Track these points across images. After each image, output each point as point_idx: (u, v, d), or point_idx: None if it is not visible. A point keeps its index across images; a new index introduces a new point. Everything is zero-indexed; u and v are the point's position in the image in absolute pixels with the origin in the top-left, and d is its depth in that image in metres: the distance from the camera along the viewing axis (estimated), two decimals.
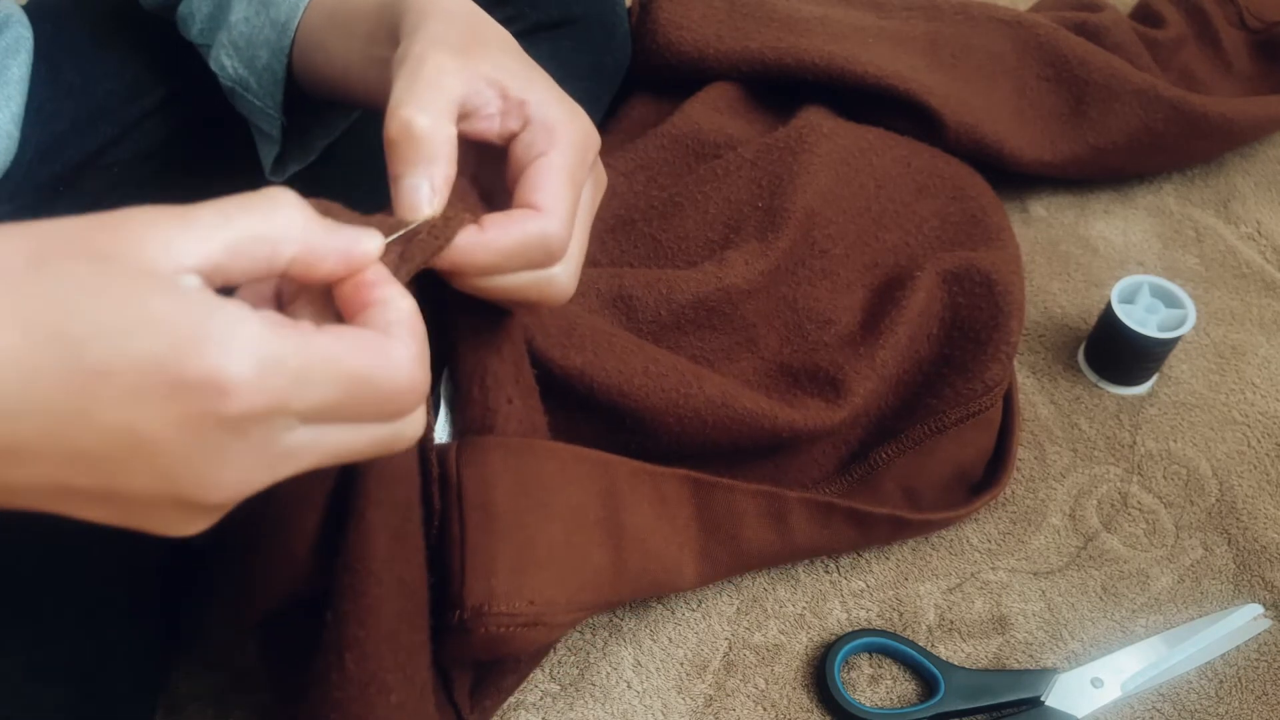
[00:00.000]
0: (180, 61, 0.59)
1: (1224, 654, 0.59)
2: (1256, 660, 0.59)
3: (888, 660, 0.59)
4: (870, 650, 0.59)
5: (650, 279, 0.61)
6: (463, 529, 0.43)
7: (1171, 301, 0.70)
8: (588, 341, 0.53)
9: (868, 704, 0.57)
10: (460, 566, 0.43)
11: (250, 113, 0.54)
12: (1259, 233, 0.84)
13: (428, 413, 0.38)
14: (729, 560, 0.56)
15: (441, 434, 0.45)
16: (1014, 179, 0.84)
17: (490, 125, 0.38)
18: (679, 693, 0.57)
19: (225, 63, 0.52)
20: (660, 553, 0.52)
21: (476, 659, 0.48)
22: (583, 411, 0.54)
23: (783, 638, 0.59)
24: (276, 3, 0.50)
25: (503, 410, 0.45)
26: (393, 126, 0.35)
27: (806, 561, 0.63)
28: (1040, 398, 0.72)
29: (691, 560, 0.54)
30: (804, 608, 0.61)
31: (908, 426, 0.62)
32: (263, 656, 0.51)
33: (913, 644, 0.58)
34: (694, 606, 0.61)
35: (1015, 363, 0.73)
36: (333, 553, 0.40)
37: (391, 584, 0.40)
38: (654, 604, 0.61)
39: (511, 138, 0.38)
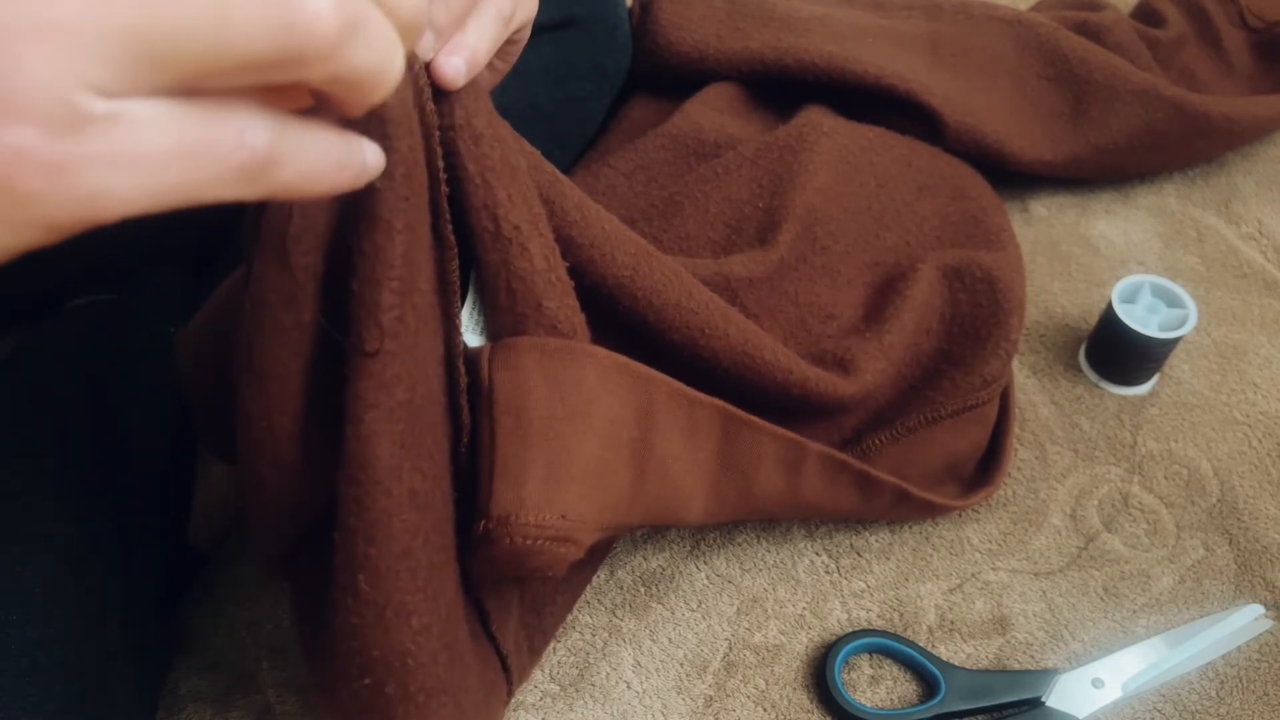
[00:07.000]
0: None
1: (1225, 654, 0.59)
2: (1258, 661, 0.59)
3: (888, 661, 0.59)
4: (871, 651, 0.59)
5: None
6: (493, 436, 0.40)
7: (1173, 301, 0.70)
8: (640, 257, 0.49)
9: (868, 704, 0.57)
10: (488, 474, 0.40)
11: None
12: (1260, 232, 0.84)
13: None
14: (736, 501, 0.54)
15: (472, 341, 0.43)
16: (1014, 179, 0.84)
17: None
18: (679, 693, 0.57)
19: None
20: (678, 483, 0.49)
21: (500, 575, 0.45)
22: (614, 329, 0.49)
23: (783, 638, 0.59)
24: None
25: (532, 317, 0.42)
26: None
27: (807, 561, 0.63)
28: (1041, 398, 0.72)
29: (702, 495, 0.52)
30: (804, 608, 0.61)
31: (902, 416, 0.62)
32: (293, 605, 0.46)
33: (913, 644, 0.58)
34: (694, 607, 0.61)
35: (1015, 363, 0.73)
36: (334, 467, 0.37)
37: (401, 496, 0.37)
38: (654, 604, 0.61)
39: None
